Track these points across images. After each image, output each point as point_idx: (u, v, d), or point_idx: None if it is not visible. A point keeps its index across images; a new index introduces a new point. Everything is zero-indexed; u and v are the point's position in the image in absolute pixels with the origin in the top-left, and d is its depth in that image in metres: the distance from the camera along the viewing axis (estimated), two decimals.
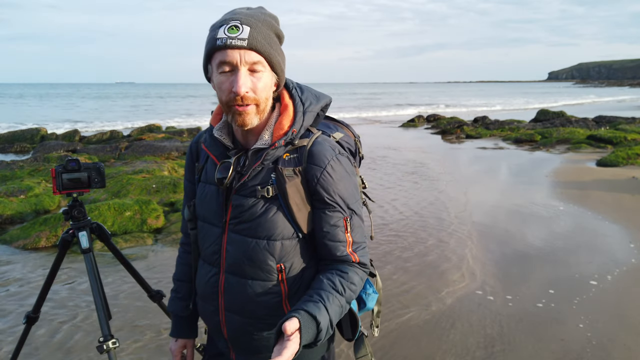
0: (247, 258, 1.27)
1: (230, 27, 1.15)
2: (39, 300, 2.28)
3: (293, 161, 1.24)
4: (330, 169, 1.23)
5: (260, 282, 1.28)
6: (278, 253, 1.26)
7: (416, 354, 3.07)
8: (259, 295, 1.28)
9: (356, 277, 1.26)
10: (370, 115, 28.64)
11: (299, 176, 1.23)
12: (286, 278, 1.28)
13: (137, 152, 11.13)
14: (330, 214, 1.25)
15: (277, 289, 1.28)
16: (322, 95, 1.35)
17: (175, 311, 1.53)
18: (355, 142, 1.42)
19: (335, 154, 1.26)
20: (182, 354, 1.54)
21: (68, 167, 2.11)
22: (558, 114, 20.08)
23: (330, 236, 1.25)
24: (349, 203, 1.26)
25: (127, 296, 3.84)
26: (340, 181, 1.24)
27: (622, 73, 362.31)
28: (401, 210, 6.39)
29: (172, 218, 5.98)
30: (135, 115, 30.39)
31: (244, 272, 1.28)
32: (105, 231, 2.28)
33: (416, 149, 12.83)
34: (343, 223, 1.25)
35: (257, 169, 1.24)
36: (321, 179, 1.22)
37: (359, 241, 1.29)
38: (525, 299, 3.81)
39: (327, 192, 1.23)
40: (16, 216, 5.97)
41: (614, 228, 5.61)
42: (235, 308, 1.32)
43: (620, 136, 12.34)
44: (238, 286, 1.30)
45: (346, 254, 1.26)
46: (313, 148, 1.24)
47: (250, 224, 1.25)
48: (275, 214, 1.24)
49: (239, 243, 1.27)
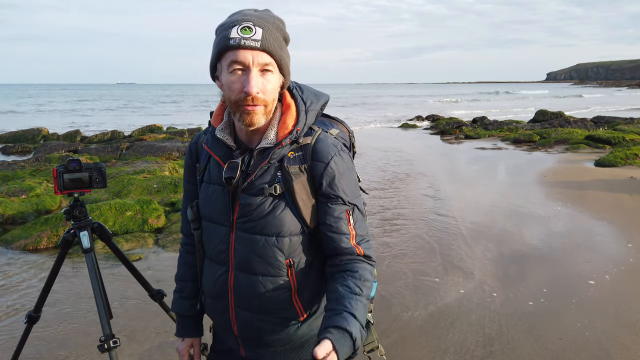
0: (256, 255, 1.29)
1: (243, 27, 1.17)
2: (40, 300, 2.29)
3: (298, 159, 1.28)
4: (333, 164, 1.27)
5: (270, 277, 1.31)
6: (287, 249, 1.29)
7: (416, 354, 3.08)
8: (269, 290, 1.31)
9: (367, 273, 1.28)
10: (370, 115, 28.64)
11: (305, 173, 1.27)
12: (295, 272, 1.32)
13: (138, 153, 11.15)
14: (333, 206, 1.29)
15: (286, 283, 1.32)
16: (321, 94, 1.39)
17: (181, 311, 1.54)
18: (349, 137, 1.46)
19: (338, 150, 1.30)
20: (189, 353, 1.55)
21: (69, 167, 2.12)
22: (556, 114, 20.11)
23: (334, 229, 1.29)
24: (351, 197, 1.30)
25: (128, 296, 3.85)
26: (342, 176, 1.29)
27: (621, 74, 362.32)
28: (399, 211, 6.41)
29: (173, 218, 6.00)
30: (136, 115, 30.38)
31: (254, 269, 1.31)
32: (106, 231, 2.30)
33: (415, 149, 12.85)
34: (346, 216, 1.29)
35: (264, 168, 1.27)
36: (325, 174, 1.27)
37: (362, 234, 1.32)
38: (524, 298, 3.83)
39: (331, 186, 1.28)
40: (17, 216, 5.98)
41: (611, 228, 5.63)
42: (245, 304, 1.34)
43: (619, 136, 12.36)
44: (248, 283, 1.32)
45: (351, 247, 1.29)
46: (317, 145, 1.29)
47: (258, 222, 1.28)
48: (283, 211, 1.27)
49: (248, 241, 1.30)
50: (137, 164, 9.12)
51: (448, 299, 3.85)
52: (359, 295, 1.20)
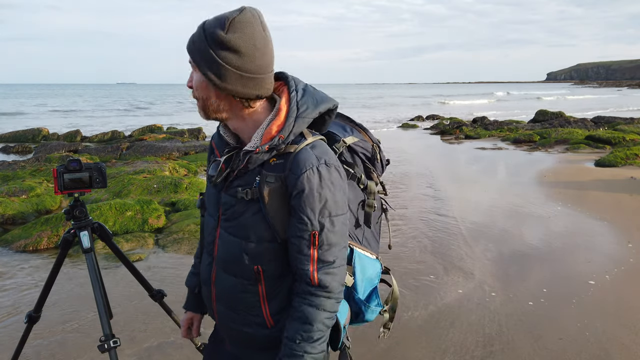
0: (230, 255, 1.32)
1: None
2: (41, 300, 2.29)
3: (278, 167, 1.23)
4: (304, 178, 1.19)
5: (241, 279, 1.31)
6: (253, 255, 1.27)
7: (416, 354, 3.09)
8: (239, 292, 1.32)
9: (313, 313, 1.23)
10: (370, 115, 28.65)
11: (281, 183, 1.22)
12: (264, 280, 1.29)
13: (139, 153, 11.16)
14: (297, 224, 1.22)
15: (255, 289, 1.30)
16: (325, 100, 1.30)
17: (190, 286, 1.63)
18: (373, 147, 1.42)
19: (318, 164, 1.21)
20: (189, 326, 1.64)
21: (69, 167, 2.12)
22: (557, 114, 20.12)
23: (296, 247, 1.24)
24: (320, 216, 1.21)
25: (128, 296, 3.85)
26: (312, 192, 1.19)
27: (621, 74, 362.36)
28: (399, 211, 6.41)
29: (173, 218, 6.00)
30: (136, 115, 30.38)
31: (228, 267, 1.33)
32: (106, 231, 2.30)
33: (415, 149, 12.86)
34: (309, 237, 1.21)
35: (243, 171, 1.27)
36: (295, 188, 1.20)
37: (328, 260, 1.23)
38: (524, 298, 3.83)
39: (298, 202, 1.21)
40: (18, 216, 5.99)
41: (612, 228, 5.63)
42: (221, 299, 1.38)
43: (619, 136, 12.36)
44: (224, 279, 1.35)
45: (307, 272, 1.23)
46: (297, 155, 1.22)
47: (233, 222, 1.29)
48: (254, 216, 1.25)
49: (225, 239, 1.32)
50: (137, 164, 9.13)
51: (448, 299, 3.85)
52: (298, 343, 1.23)
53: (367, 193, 1.47)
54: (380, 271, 1.55)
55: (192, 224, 5.57)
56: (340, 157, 1.40)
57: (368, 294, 1.49)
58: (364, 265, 1.44)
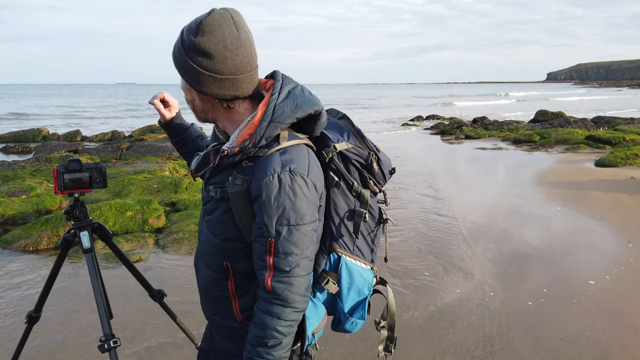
0: (204, 248, 1.38)
1: None
2: (41, 300, 2.29)
3: (247, 170, 1.24)
4: (264, 184, 1.18)
5: (212, 272, 1.36)
6: (220, 251, 1.31)
7: (416, 354, 3.09)
8: (211, 284, 1.37)
9: (266, 320, 1.22)
10: (370, 115, 28.64)
11: (247, 186, 1.22)
12: (234, 277, 1.32)
13: (139, 153, 11.15)
14: (256, 229, 1.21)
15: (225, 284, 1.34)
16: (307, 104, 1.25)
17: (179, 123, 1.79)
18: (369, 154, 1.39)
19: (280, 171, 1.18)
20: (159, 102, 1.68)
21: (70, 167, 2.12)
22: (557, 114, 20.10)
23: (256, 251, 1.23)
24: (277, 224, 1.18)
25: (128, 296, 3.85)
26: (269, 199, 1.17)
27: (621, 74, 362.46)
28: (399, 211, 6.41)
29: (173, 218, 6.00)
30: (136, 115, 30.39)
31: (204, 259, 1.39)
32: (106, 231, 2.30)
33: (415, 149, 12.86)
34: (266, 243, 1.20)
35: (218, 170, 1.31)
36: (256, 192, 1.19)
37: (283, 269, 1.20)
38: (524, 298, 3.83)
39: (257, 207, 1.20)
40: (18, 216, 5.98)
41: (612, 228, 5.63)
42: (202, 290, 1.44)
43: (619, 137, 12.37)
44: (202, 271, 1.41)
45: (262, 276, 1.22)
46: (263, 161, 1.21)
47: (208, 217, 1.35)
48: (224, 214, 1.28)
49: (203, 232, 1.39)
50: (138, 164, 9.12)
51: (448, 299, 3.85)
52: (255, 347, 1.24)
53: (361, 202, 1.42)
54: (372, 282, 1.53)
55: (192, 224, 5.57)
56: (329, 163, 1.36)
57: (354, 304, 1.47)
58: (352, 274, 1.43)
